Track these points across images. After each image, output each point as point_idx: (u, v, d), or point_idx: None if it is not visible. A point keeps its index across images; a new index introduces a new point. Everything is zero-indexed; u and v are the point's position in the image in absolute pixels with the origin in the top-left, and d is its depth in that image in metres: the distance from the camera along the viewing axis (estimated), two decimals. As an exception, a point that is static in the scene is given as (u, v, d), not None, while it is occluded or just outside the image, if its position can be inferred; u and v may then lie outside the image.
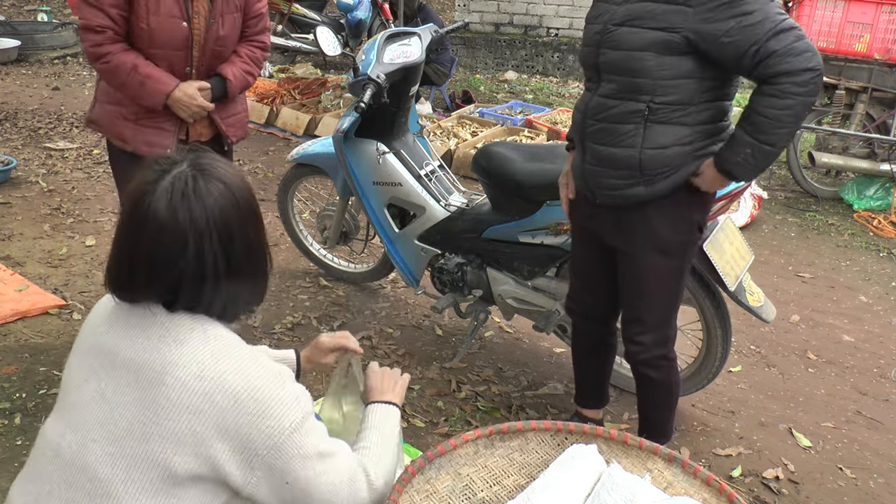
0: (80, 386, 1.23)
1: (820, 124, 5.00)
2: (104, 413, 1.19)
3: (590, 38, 1.98)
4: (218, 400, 1.16)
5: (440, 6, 11.90)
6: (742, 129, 1.80)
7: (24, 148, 5.36)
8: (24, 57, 8.22)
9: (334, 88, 6.52)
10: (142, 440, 1.16)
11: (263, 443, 1.18)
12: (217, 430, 1.16)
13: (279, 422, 1.19)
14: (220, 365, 1.19)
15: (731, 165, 1.84)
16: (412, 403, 2.71)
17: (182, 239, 1.18)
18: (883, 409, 2.85)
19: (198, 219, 1.19)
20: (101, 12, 2.26)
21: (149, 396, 1.17)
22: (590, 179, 2.03)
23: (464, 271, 2.84)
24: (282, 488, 1.23)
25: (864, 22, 4.58)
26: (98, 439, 1.17)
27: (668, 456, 1.53)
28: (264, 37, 2.64)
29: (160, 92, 2.36)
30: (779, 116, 1.73)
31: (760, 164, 1.82)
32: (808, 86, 1.70)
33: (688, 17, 1.77)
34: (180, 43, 2.37)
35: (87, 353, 1.26)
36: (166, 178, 1.20)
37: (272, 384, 1.21)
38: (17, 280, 3.34)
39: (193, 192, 1.20)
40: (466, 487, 1.50)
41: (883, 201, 4.93)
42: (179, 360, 1.18)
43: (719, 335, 2.52)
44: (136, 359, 1.19)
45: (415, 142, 3.06)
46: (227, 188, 1.23)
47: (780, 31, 1.69)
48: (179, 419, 1.15)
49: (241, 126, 2.69)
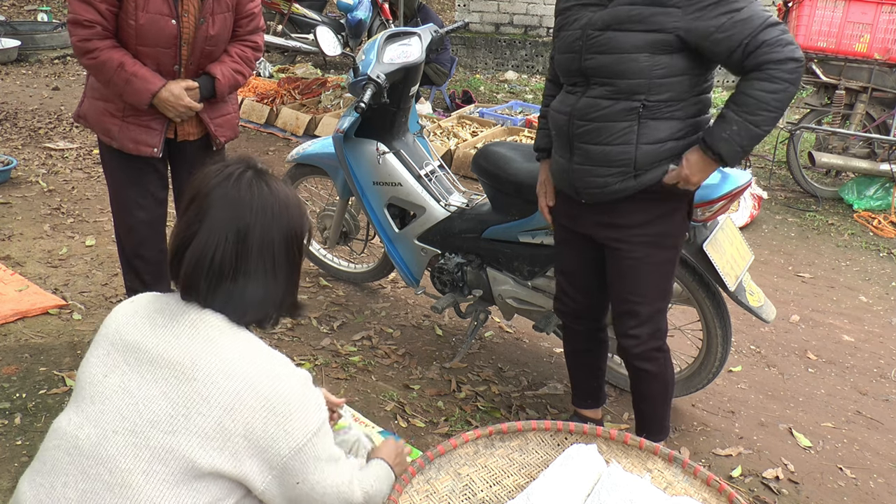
0: (100, 381, 1.25)
1: (820, 124, 5.00)
2: (128, 406, 1.20)
3: (568, 44, 1.99)
4: (248, 399, 1.19)
5: (440, 6, 11.90)
6: (729, 108, 1.85)
7: (24, 148, 5.36)
8: (24, 57, 8.23)
9: (334, 88, 6.52)
10: (168, 433, 1.17)
11: (287, 444, 1.22)
12: (245, 429, 1.19)
13: (304, 424, 1.23)
14: (249, 365, 1.21)
15: (716, 140, 1.86)
16: (412, 403, 2.71)
17: (239, 221, 1.26)
18: (883, 408, 2.85)
19: (256, 207, 1.28)
20: (91, 7, 2.24)
21: (178, 391, 1.19)
22: (577, 180, 2.04)
23: (464, 271, 2.84)
24: (293, 488, 1.26)
25: (864, 22, 4.58)
26: (120, 431, 1.19)
27: (668, 456, 1.53)
28: (256, 37, 2.61)
29: (146, 91, 2.33)
30: (766, 99, 1.79)
31: (744, 144, 1.85)
32: (793, 73, 1.78)
33: (677, 17, 1.81)
34: (168, 41, 2.34)
35: (109, 349, 1.28)
36: (233, 171, 1.31)
37: (298, 387, 1.25)
38: (17, 280, 3.34)
39: (256, 184, 1.31)
40: (466, 487, 1.50)
41: (883, 201, 4.94)
42: (210, 359, 1.20)
43: (719, 335, 2.52)
44: (166, 355, 1.22)
45: (415, 142, 3.06)
46: (286, 192, 1.35)
47: (769, 25, 1.78)
48: (209, 415, 1.18)
49: (230, 127, 2.66)
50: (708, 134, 1.88)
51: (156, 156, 2.47)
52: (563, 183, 2.11)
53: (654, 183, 1.96)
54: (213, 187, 1.29)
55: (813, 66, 4.83)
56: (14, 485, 2.19)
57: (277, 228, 1.30)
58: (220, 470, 1.19)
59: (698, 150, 1.90)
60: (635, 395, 2.30)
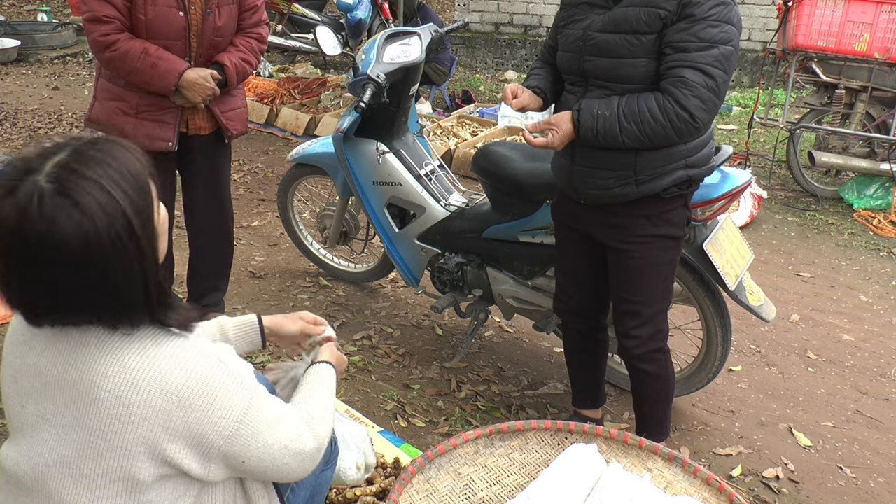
0: (20, 412, 1.19)
1: (820, 124, 5.00)
2: (51, 436, 1.15)
3: (569, 43, 1.99)
4: (159, 404, 1.12)
5: (440, 6, 11.90)
6: (618, 98, 1.85)
7: (25, 148, 5.36)
8: (24, 57, 8.22)
9: (334, 88, 6.52)
10: (96, 458, 1.13)
11: (218, 434, 1.17)
12: (166, 433, 1.13)
13: (229, 411, 1.17)
14: (152, 367, 1.12)
15: (586, 111, 1.86)
16: (412, 403, 2.71)
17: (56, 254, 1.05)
18: (883, 408, 2.85)
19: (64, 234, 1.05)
20: (107, 3, 2.31)
21: (87, 415, 1.12)
22: (578, 182, 2.04)
23: (464, 271, 2.84)
24: (241, 467, 1.23)
25: (863, 21, 4.57)
26: (52, 464, 1.14)
27: (668, 455, 1.53)
28: (260, 28, 2.68)
29: (173, 72, 2.39)
30: (646, 119, 1.80)
31: (600, 132, 1.85)
32: (681, 123, 1.79)
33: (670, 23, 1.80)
34: (178, 33, 2.41)
35: (15, 377, 1.20)
36: (20, 190, 1.06)
37: (213, 373, 1.16)
38: (18, 280, 3.33)
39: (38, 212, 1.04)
40: (466, 487, 1.50)
41: (883, 200, 4.94)
42: (107, 371, 1.11)
43: (719, 334, 2.52)
44: (64, 377, 1.14)
45: (415, 141, 3.06)
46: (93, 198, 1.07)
47: (702, 71, 1.76)
48: (125, 432, 1.11)
49: (240, 120, 2.72)
50: (586, 103, 1.88)
51: (171, 149, 2.54)
52: (564, 183, 2.12)
53: (656, 192, 1.96)
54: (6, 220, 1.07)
55: (813, 65, 4.83)
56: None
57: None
58: (163, 474, 1.16)
59: (571, 120, 1.89)
60: (636, 395, 2.30)
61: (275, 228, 4.16)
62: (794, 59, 4.80)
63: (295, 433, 1.29)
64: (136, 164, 1.14)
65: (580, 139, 1.90)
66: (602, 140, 1.87)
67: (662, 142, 1.84)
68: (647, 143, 1.84)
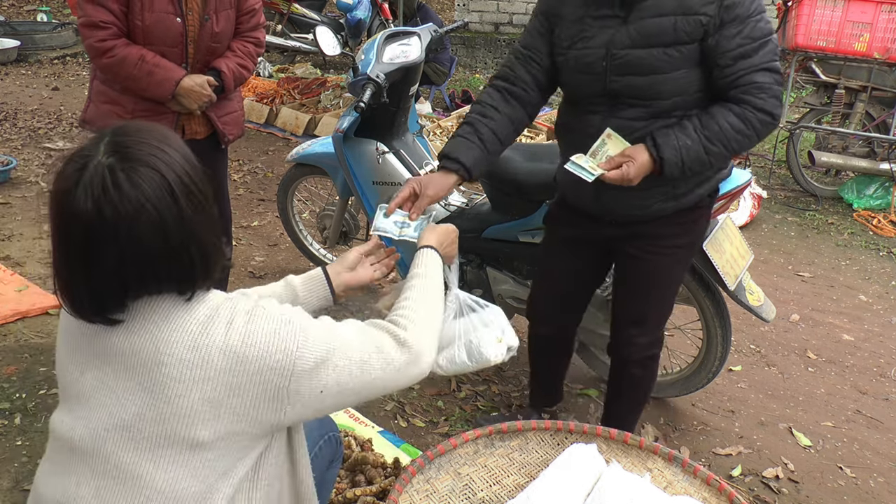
0: (77, 379, 1.22)
1: (819, 123, 5.00)
2: (111, 402, 1.18)
3: (587, 65, 1.82)
4: (219, 363, 1.15)
5: (440, 6, 11.89)
6: (692, 122, 1.76)
7: (24, 148, 5.36)
8: (23, 57, 8.22)
9: (334, 88, 6.52)
10: (158, 422, 1.15)
11: (281, 374, 1.17)
12: (230, 389, 1.16)
13: (284, 351, 1.18)
14: (209, 328, 1.17)
15: (666, 146, 1.74)
16: (412, 403, 2.71)
17: (111, 235, 1.10)
18: (883, 408, 2.85)
19: (125, 212, 1.10)
20: (104, 8, 2.29)
21: (151, 379, 1.15)
22: (612, 202, 1.93)
23: (463, 271, 2.84)
24: (318, 398, 1.22)
25: (863, 21, 4.58)
26: (111, 428, 1.17)
27: (668, 455, 1.53)
28: (258, 32, 2.66)
29: (170, 80, 2.37)
30: (729, 134, 1.74)
31: (687, 163, 1.75)
32: (764, 126, 1.74)
33: (708, 26, 1.72)
34: (175, 39, 2.38)
35: (74, 347, 1.24)
36: (84, 174, 1.10)
37: (261, 322, 1.19)
38: (17, 280, 3.34)
39: (113, 187, 1.09)
40: (466, 487, 1.50)
41: (882, 200, 4.94)
42: (169, 337, 1.16)
43: (719, 334, 2.52)
44: (126, 345, 1.17)
45: (414, 141, 3.06)
46: (155, 171, 1.13)
47: (767, 69, 1.73)
48: (189, 394, 1.14)
49: (236, 124, 2.70)
50: (661, 135, 1.76)
51: None
52: (586, 203, 2.00)
53: (691, 206, 1.92)
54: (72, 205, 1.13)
55: (812, 65, 4.83)
56: (14, 485, 2.20)
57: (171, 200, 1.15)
58: (230, 431, 1.17)
59: (647, 152, 1.76)
60: (612, 391, 2.28)
61: (275, 228, 4.16)
62: (793, 59, 4.80)
63: (372, 345, 1.28)
64: (165, 129, 1.21)
65: (664, 175, 1.78)
66: (688, 171, 1.78)
67: (747, 150, 1.79)
68: (732, 155, 1.79)
